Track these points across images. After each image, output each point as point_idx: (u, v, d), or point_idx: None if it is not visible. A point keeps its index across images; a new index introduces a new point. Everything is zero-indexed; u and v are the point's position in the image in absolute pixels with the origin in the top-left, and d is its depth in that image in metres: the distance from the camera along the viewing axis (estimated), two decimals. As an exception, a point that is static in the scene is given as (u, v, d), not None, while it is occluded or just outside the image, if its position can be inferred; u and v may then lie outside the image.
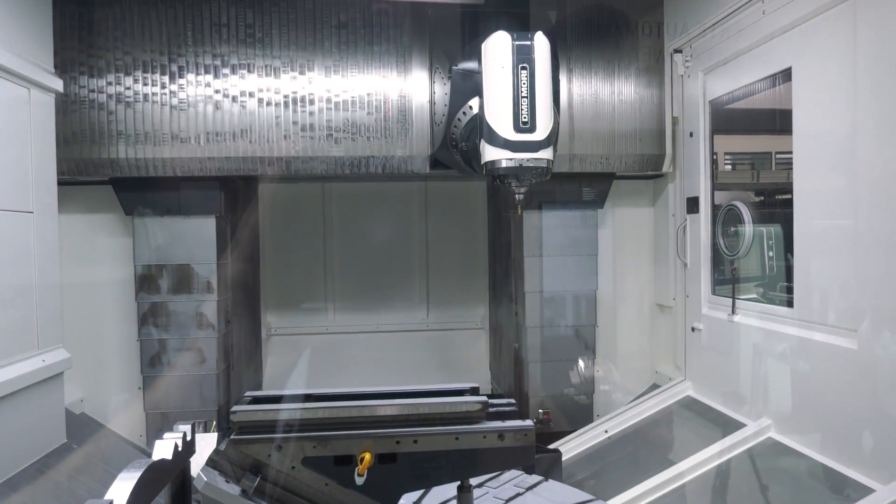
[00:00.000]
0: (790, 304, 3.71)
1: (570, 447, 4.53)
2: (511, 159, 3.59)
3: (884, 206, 2.96)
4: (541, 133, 3.59)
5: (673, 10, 4.78)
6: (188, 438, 2.94)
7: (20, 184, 3.66)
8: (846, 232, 3.23)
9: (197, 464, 2.97)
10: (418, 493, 3.21)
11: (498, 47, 3.60)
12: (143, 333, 4.66)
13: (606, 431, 4.57)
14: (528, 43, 3.58)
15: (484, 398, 2.70)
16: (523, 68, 3.55)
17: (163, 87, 4.39)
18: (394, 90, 4.54)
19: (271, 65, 4.46)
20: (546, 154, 3.64)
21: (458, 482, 2.62)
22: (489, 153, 3.66)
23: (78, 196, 4.72)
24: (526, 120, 3.56)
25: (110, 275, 4.80)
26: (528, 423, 2.65)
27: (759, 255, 4.40)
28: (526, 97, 3.55)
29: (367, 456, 2.52)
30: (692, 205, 4.65)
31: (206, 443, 3.16)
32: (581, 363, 5.07)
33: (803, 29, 3.50)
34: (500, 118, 3.60)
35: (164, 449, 2.76)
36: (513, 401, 2.86)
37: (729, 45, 4.16)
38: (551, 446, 4.54)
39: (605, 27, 4.83)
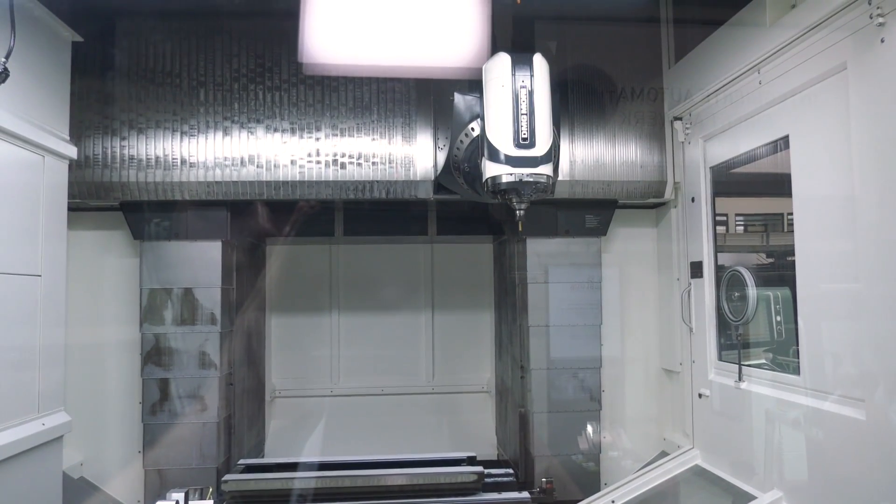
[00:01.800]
0: (798, 370, 3.64)
1: (576, 518, 4.40)
2: (511, 174, 3.64)
3: (887, 273, 2.94)
4: (540, 149, 3.64)
5: (672, 79, 4.89)
6: (180, 508, 2.89)
7: (30, 247, 3.73)
8: (851, 297, 3.20)
9: (189, 534, 2.92)
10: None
11: (498, 67, 3.70)
12: (146, 372, 4.67)
13: (613, 501, 4.43)
14: (527, 62, 3.68)
15: (480, 468, 2.65)
16: (522, 86, 3.64)
17: (174, 113, 4.52)
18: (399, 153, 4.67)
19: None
20: (546, 169, 3.68)
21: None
22: (490, 169, 3.71)
23: (88, 221, 4.87)
24: (525, 136, 3.62)
25: (116, 301, 4.90)
26: (525, 495, 2.59)
27: (767, 320, 4.34)
28: (525, 114, 3.62)
29: (360, 529, 2.46)
30: (696, 269, 4.64)
31: (201, 511, 3.11)
32: (589, 427, 4.97)
33: (799, 98, 3.56)
34: (500, 135, 3.66)
35: (154, 519, 2.71)
36: (510, 471, 2.80)
37: (727, 114, 4.23)
38: (556, 518, 4.41)
39: (609, 92, 4.94)
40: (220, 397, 4.67)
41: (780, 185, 3.76)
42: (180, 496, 2.77)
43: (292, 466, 2.72)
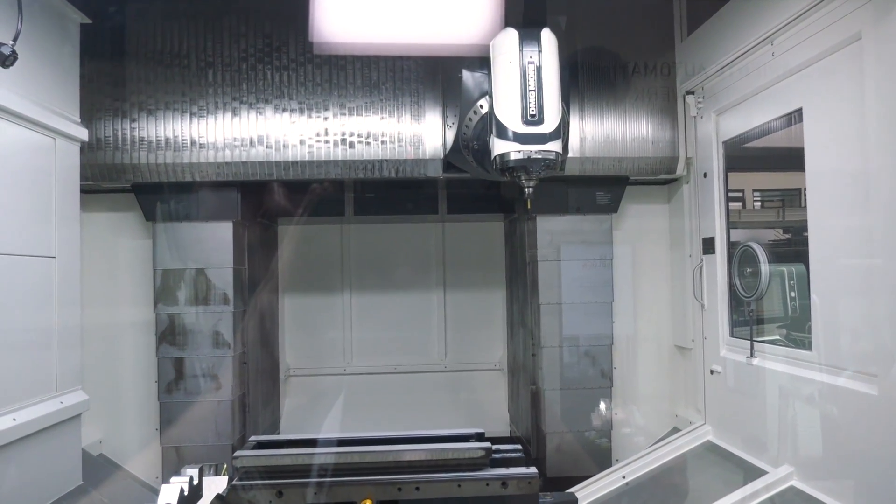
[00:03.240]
0: (811, 346, 3.62)
1: (587, 493, 4.42)
2: (520, 151, 3.61)
3: (899, 248, 2.90)
4: (549, 125, 3.60)
5: (684, 52, 4.81)
6: (195, 483, 2.95)
7: (44, 229, 3.78)
8: (865, 272, 3.16)
9: (203, 508, 2.97)
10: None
11: (506, 43, 3.66)
12: (160, 351, 4.74)
13: (624, 477, 4.46)
14: (535, 37, 3.63)
15: (487, 444, 2.67)
16: (530, 62, 3.60)
17: (183, 94, 4.53)
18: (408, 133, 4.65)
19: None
20: (555, 146, 3.64)
21: (461, 530, 2.59)
22: (499, 146, 3.68)
23: (101, 203, 4.92)
24: (534, 112, 3.58)
25: (130, 282, 4.97)
26: (533, 470, 2.61)
27: (781, 296, 4.31)
28: (533, 90, 3.58)
29: (369, 503, 2.50)
30: (708, 245, 4.61)
31: (216, 486, 3.15)
32: (601, 403, 4.99)
33: (812, 70, 3.50)
34: (508, 112, 3.63)
35: (169, 494, 2.77)
36: (519, 447, 2.81)
37: (740, 87, 4.16)
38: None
39: (619, 68, 4.87)
40: (234, 376, 4.73)
41: (793, 159, 3.71)
42: (194, 472, 2.80)
43: (301, 443, 2.76)
